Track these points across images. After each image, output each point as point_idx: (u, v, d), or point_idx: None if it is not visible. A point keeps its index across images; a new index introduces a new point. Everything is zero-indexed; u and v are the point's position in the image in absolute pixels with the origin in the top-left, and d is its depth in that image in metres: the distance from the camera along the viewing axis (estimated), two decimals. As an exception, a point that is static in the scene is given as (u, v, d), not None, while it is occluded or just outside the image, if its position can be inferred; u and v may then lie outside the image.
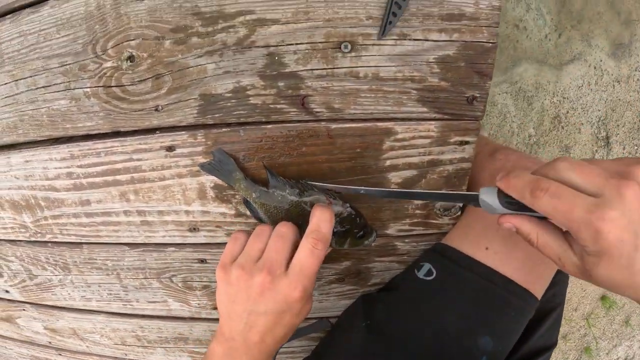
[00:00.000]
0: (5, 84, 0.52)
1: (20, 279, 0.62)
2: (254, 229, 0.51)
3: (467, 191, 0.58)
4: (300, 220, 0.52)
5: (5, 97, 0.53)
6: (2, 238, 0.60)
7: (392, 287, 0.60)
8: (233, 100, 0.50)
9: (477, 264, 0.55)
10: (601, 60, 1.13)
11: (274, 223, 0.53)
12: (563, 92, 1.11)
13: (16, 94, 0.52)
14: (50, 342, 0.65)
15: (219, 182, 0.54)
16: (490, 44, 0.50)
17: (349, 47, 0.48)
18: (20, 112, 0.53)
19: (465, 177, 0.56)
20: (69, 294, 0.62)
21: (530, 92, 1.09)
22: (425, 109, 0.52)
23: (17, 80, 0.52)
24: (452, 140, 0.53)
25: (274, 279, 0.46)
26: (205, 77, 0.49)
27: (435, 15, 0.48)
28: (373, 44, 0.48)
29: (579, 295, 1.46)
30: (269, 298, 0.46)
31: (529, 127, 1.11)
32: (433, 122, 0.52)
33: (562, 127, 1.14)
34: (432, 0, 0.48)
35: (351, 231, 0.54)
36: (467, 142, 0.54)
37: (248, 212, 0.56)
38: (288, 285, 0.46)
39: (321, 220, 0.47)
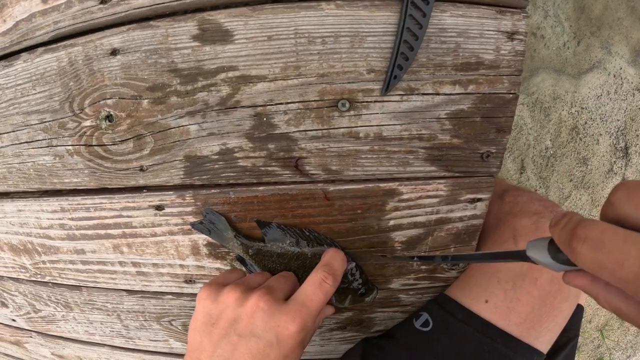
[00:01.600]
0: (-11, 138, 0.44)
1: (25, 311, 0.57)
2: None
3: (476, 246, 0.48)
4: (300, 272, 0.43)
5: (-9, 151, 0.45)
6: (5, 275, 0.54)
7: (390, 335, 0.52)
8: (220, 162, 0.40)
9: (475, 317, 0.46)
10: (621, 68, 0.96)
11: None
12: (581, 102, 0.96)
13: (1, 147, 0.44)
14: (62, 368, 0.61)
15: (212, 239, 0.45)
16: (511, 95, 0.39)
17: (347, 105, 0.37)
18: (7, 165, 0.45)
19: (475, 233, 0.46)
20: (73, 327, 0.56)
21: (547, 103, 0.94)
22: (433, 168, 0.41)
23: (0, 134, 0.44)
24: (462, 199, 0.43)
25: (272, 303, 0.35)
26: (189, 139, 0.40)
27: (448, 65, 0.37)
28: (375, 101, 0.38)
29: (594, 307, 1.33)
30: (259, 322, 0.35)
31: (545, 139, 0.97)
32: (442, 181, 0.42)
33: (580, 139, 0.98)
34: (445, 48, 0.36)
35: (352, 288, 0.46)
36: (479, 199, 0.43)
37: (244, 268, 0.47)
38: (286, 314, 0.35)
39: (334, 258, 0.40)
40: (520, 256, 0.29)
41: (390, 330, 0.53)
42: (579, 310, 0.63)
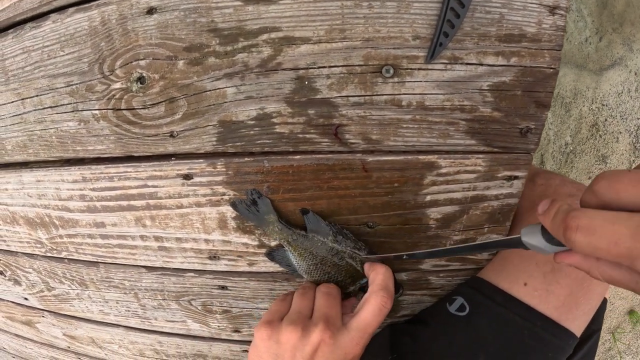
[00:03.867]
0: (12, 102, 0.43)
1: (39, 289, 0.55)
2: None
3: (509, 227, 0.47)
4: (333, 270, 0.44)
5: (13, 116, 0.44)
6: (19, 251, 0.52)
7: (421, 321, 0.51)
8: (256, 128, 0.40)
9: (514, 300, 0.45)
10: (642, 66, 0.97)
11: (307, 270, 0.44)
12: (602, 99, 0.96)
13: (23, 113, 0.43)
14: (69, 347, 0.59)
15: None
16: (552, 70, 0.39)
17: (392, 71, 0.37)
18: (29, 132, 0.44)
19: (510, 212, 0.46)
20: (87, 307, 0.55)
21: (568, 99, 0.94)
22: (473, 142, 0.41)
23: (23, 99, 0.43)
24: (500, 175, 0.43)
25: (334, 334, 0.38)
26: (225, 102, 0.39)
27: (492, 35, 0.37)
28: (419, 69, 0.37)
29: (607, 309, 1.33)
30: (327, 354, 0.38)
31: (565, 135, 0.97)
32: (481, 156, 0.41)
33: (600, 136, 0.99)
34: (490, 18, 0.36)
35: None
36: (516, 177, 0.43)
37: (272, 243, 0.46)
38: (350, 340, 0.38)
39: (389, 278, 0.40)
40: (514, 243, 0.32)
41: (419, 315, 0.53)
42: (602, 303, 0.63)
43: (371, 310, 0.38)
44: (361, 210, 0.44)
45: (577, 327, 0.46)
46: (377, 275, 0.40)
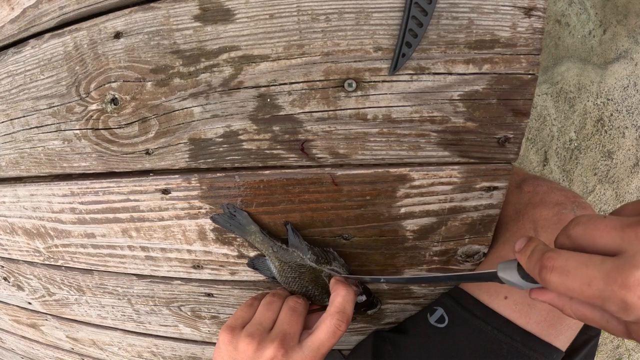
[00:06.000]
0: (2, 122, 0.46)
1: (40, 294, 0.59)
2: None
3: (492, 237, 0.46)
4: (311, 285, 0.44)
5: (4, 135, 0.46)
6: (20, 259, 0.56)
7: (403, 330, 0.51)
8: (225, 145, 0.40)
9: (494, 314, 0.44)
10: (649, 59, 0.89)
11: (285, 281, 0.45)
12: (607, 93, 0.90)
13: (13, 132, 0.46)
14: (72, 348, 0.63)
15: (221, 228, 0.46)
16: (530, 76, 0.37)
17: (354, 85, 0.36)
18: (19, 150, 0.47)
19: (491, 223, 0.44)
20: (86, 311, 0.58)
21: (572, 93, 0.89)
22: (447, 153, 0.40)
23: (12, 120, 0.45)
24: (478, 186, 0.41)
25: (287, 352, 0.38)
26: (193, 121, 0.40)
27: (461, 42, 0.35)
28: (383, 81, 0.36)
29: None
30: None
31: (570, 130, 0.92)
32: (457, 167, 0.40)
33: (606, 131, 0.93)
34: (457, 25, 0.35)
35: (356, 304, 0.46)
36: (495, 188, 0.42)
37: (251, 254, 0.48)
38: (302, 359, 0.38)
39: (347, 302, 0.40)
40: (490, 277, 0.33)
41: (403, 324, 0.52)
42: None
43: (325, 331, 0.38)
44: (335, 222, 0.44)
45: (562, 341, 0.44)
46: (337, 297, 0.39)
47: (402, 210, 0.42)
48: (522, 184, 0.51)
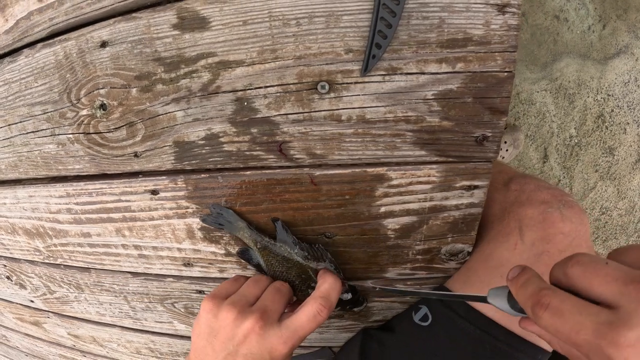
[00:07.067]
0: (1, 127, 0.48)
1: (42, 292, 0.62)
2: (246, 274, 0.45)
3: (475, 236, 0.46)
4: (297, 280, 0.45)
5: (3, 139, 0.49)
6: (22, 258, 0.59)
7: (389, 328, 0.51)
8: (207, 147, 0.42)
9: (477, 314, 0.44)
10: (650, 53, 0.87)
11: (272, 274, 0.46)
12: (607, 89, 0.89)
13: (11, 137, 0.48)
14: (74, 345, 0.66)
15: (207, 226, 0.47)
16: (506, 74, 0.37)
17: (327, 87, 0.37)
18: (17, 153, 0.49)
19: (474, 222, 0.44)
20: (85, 308, 0.61)
21: (571, 90, 0.88)
22: (424, 152, 0.40)
23: (9, 125, 0.48)
24: (457, 185, 0.42)
25: (265, 326, 0.39)
26: (176, 125, 0.41)
27: (432, 42, 0.36)
28: (356, 82, 0.37)
29: None
30: (254, 343, 0.39)
31: (570, 127, 0.91)
32: (435, 166, 0.41)
33: (606, 127, 0.91)
34: (428, 24, 0.35)
35: (341, 300, 0.47)
36: (476, 187, 0.42)
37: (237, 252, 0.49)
38: (279, 337, 0.39)
39: (332, 289, 0.40)
40: (481, 299, 0.34)
41: (389, 321, 0.53)
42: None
43: (306, 313, 0.39)
44: (316, 221, 0.45)
45: None
46: (323, 284, 0.40)
47: (382, 209, 0.43)
48: (509, 182, 0.50)
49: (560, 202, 0.47)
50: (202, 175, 0.43)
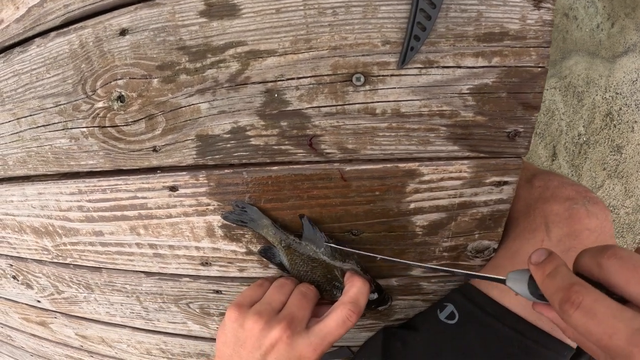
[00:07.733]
0: (9, 121, 0.46)
1: (49, 292, 0.59)
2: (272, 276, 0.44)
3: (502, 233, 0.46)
4: (322, 279, 0.43)
5: (12, 134, 0.47)
6: (29, 257, 0.57)
7: (412, 326, 0.51)
8: (232, 141, 0.40)
9: (505, 311, 0.43)
10: (658, 52, 0.88)
11: (296, 274, 0.45)
12: (616, 87, 0.89)
13: (20, 132, 0.46)
14: (82, 346, 0.64)
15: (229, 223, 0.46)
16: (539, 69, 0.36)
17: (362, 79, 0.36)
18: (26, 149, 0.47)
19: (502, 218, 0.44)
20: (95, 309, 0.59)
21: (580, 87, 0.88)
22: (456, 147, 0.39)
23: (18, 119, 0.46)
24: (488, 181, 0.41)
25: (293, 335, 0.38)
26: (200, 117, 0.40)
27: (470, 35, 0.35)
28: (392, 75, 0.36)
29: None
30: (283, 352, 0.38)
31: (578, 125, 0.91)
32: (466, 162, 0.40)
33: (615, 125, 0.92)
34: (466, 17, 0.34)
35: (367, 301, 0.46)
36: (505, 183, 0.41)
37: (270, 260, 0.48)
38: (308, 345, 0.38)
39: (361, 293, 0.40)
40: (498, 281, 0.33)
41: (412, 320, 0.52)
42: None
43: (335, 319, 0.38)
44: (344, 218, 0.44)
45: None
46: (352, 288, 0.39)
47: (412, 205, 0.42)
48: (532, 178, 0.50)
49: (585, 199, 0.47)
50: (226, 171, 0.42)
